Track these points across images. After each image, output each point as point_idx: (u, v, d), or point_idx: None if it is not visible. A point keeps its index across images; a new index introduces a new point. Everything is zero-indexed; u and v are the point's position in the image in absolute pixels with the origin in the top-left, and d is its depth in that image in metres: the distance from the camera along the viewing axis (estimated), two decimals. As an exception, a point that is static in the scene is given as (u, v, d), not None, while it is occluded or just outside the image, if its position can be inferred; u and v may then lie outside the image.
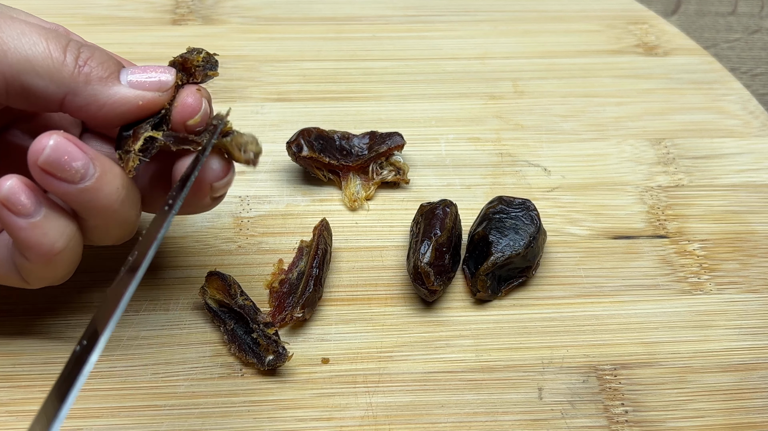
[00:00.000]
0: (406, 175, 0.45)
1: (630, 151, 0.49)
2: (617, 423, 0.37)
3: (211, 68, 0.35)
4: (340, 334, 0.39)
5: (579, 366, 0.39)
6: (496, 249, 0.40)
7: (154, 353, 0.38)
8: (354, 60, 0.53)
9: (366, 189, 0.45)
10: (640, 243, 0.44)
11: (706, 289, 0.42)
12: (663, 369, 0.39)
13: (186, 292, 0.40)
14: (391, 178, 0.45)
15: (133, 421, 0.35)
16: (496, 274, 0.40)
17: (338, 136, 0.46)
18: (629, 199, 0.46)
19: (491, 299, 0.41)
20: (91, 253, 0.41)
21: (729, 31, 0.63)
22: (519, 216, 0.41)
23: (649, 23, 0.57)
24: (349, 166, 0.45)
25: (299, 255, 0.42)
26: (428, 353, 0.39)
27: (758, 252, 0.44)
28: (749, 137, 0.50)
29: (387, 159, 0.45)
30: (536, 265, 0.42)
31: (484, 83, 0.52)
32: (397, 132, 0.46)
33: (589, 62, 0.54)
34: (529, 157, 0.48)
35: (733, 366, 0.39)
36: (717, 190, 0.47)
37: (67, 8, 0.55)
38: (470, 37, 0.56)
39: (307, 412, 0.36)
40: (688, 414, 0.37)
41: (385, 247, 0.43)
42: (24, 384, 0.36)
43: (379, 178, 0.45)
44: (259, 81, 0.51)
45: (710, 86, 0.53)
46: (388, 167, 0.45)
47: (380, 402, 0.37)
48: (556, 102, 0.51)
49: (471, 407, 0.37)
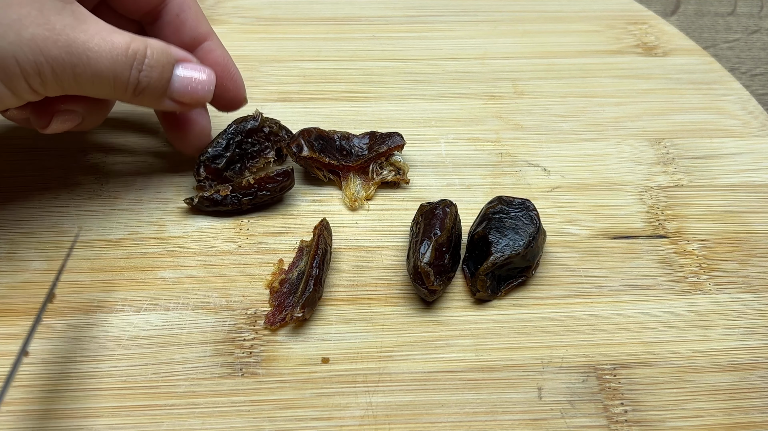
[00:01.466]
0: (406, 175, 0.45)
1: (629, 151, 0.49)
2: (616, 422, 0.37)
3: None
4: (340, 334, 0.39)
5: (578, 366, 0.39)
6: (495, 249, 0.40)
7: (154, 353, 0.38)
8: (354, 60, 0.53)
9: (366, 189, 0.45)
10: (639, 243, 0.44)
11: (706, 289, 0.42)
12: (662, 368, 0.39)
13: (186, 292, 0.40)
14: (391, 178, 0.45)
15: (133, 421, 0.35)
16: (496, 274, 0.40)
17: (338, 136, 0.46)
18: (629, 198, 0.46)
19: (491, 299, 0.41)
20: (91, 255, 0.41)
21: (728, 31, 0.63)
22: (519, 216, 0.41)
23: (648, 23, 0.58)
24: (349, 166, 0.45)
25: (299, 255, 0.42)
26: (428, 353, 0.39)
27: (757, 252, 0.44)
28: (748, 137, 0.50)
29: (387, 159, 0.45)
30: (536, 265, 0.42)
31: (484, 83, 0.52)
32: (397, 132, 0.46)
33: (588, 62, 0.54)
34: (528, 157, 0.48)
35: (732, 365, 0.39)
36: (716, 190, 0.47)
37: (67, 8, 0.54)
38: (470, 38, 0.56)
39: (307, 412, 0.36)
40: (687, 413, 0.37)
41: (385, 247, 0.43)
42: (24, 384, 0.36)
43: (379, 178, 0.45)
44: (259, 81, 0.51)
45: (710, 86, 0.53)
46: (388, 167, 0.45)
47: (380, 402, 0.37)
48: (556, 102, 0.51)
49: (471, 407, 0.37)
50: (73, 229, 0.42)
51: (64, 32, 0.34)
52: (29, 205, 0.43)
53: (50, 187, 0.44)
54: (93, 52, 0.35)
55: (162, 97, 0.39)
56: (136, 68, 0.36)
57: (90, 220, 0.43)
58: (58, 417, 0.35)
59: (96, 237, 0.42)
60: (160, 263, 0.41)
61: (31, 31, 0.33)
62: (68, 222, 0.42)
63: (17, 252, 0.41)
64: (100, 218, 0.43)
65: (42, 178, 0.44)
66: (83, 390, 0.36)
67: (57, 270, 0.38)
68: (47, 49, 0.33)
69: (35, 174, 0.45)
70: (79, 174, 0.45)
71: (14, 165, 0.45)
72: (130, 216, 0.43)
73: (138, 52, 0.36)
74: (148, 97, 0.38)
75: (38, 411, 0.36)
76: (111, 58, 0.35)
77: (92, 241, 0.42)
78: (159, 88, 0.38)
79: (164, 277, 0.41)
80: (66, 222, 0.42)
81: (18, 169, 0.45)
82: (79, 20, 0.35)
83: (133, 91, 0.37)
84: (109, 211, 0.43)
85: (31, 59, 0.33)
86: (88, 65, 0.35)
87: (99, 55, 0.35)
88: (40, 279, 0.40)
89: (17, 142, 0.46)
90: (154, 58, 0.37)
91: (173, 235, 0.42)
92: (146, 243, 0.42)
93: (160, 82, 0.38)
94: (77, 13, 0.35)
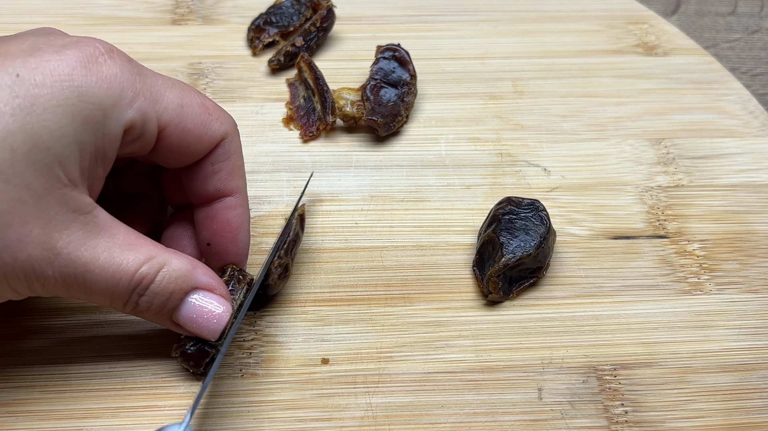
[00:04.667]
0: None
1: (630, 151, 0.49)
2: (617, 423, 0.37)
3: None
4: (340, 334, 0.39)
5: (579, 367, 0.39)
6: (507, 251, 0.40)
7: (153, 353, 0.38)
8: (354, 60, 0.53)
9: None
10: (639, 244, 0.44)
11: (706, 289, 0.42)
12: (663, 369, 0.39)
13: (186, 292, 0.40)
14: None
15: (133, 421, 0.35)
16: (507, 275, 0.40)
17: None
18: (629, 199, 0.46)
19: (503, 300, 0.41)
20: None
21: (729, 31, 0.63)
22: (528, 216, 0.41)
23: (649, 23, 0.57)
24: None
25: (293, 90, 0.48)
26: (428, 353, 0.39)
27: (758, 252, 0.44)
28: (749, 137, 0.50)
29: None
30: (547, 266, 0.42)
31: (484, 83, 0.52)
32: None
33: (588, 62, 0.54)
34: (529, 157, 0.48)
35: (732, 366, 0.39)
36: (717, 190, 0.47)
37: (67, 8, 0.55)
38: (470, 37, 0.56)
39: (307, 412, 0.36)
40: (687, 414, 0.37)
41: (385, 247, 0.43)
42: (24, 385, 0.36)
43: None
44: (259, 81, 0.51)
45: (710, 86, 0.53)
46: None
47: (380, 403, 0.37)
48: (556, 102, 0.51)
49: (471, 407, 0.37)
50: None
51: (65, 251, 0.31)
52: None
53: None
54: (92, 275, 0.31)
55: (164, 320, 0.35)
56: (137, 293, 0.33)
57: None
58: (58, 418, 0.35)
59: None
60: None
61: (29, 252, 0.30)
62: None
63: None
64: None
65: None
66: (83, 390, 0.36)
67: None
68: (42, 270, 0.30)
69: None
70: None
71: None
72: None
73: (146, 278, 0.33)
74: (147, 317, 0.35)
75: (38, 411, 0.36)
76: (112, 282, 0.32)
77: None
78: (160, 314, 0.34)
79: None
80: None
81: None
82: (89, 235, 0.31)
83: (131, 310, 0.34)
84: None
85: (22, 279, 0.31)
86: (83, 286, 0.32)
87: (99, 278, 0.32)
88: (39, 279, 0.40)
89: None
90: (162, 286, 0.33)
91: (173, 235, 0.42)
92: (146, 243, 0.42)
93: (161, 309, 0.34)
94: (90, 226, 0.31)
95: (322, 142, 0.48)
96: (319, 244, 0.43)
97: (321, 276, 0.41)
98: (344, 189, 0.46)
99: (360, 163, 0.47)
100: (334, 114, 0.47)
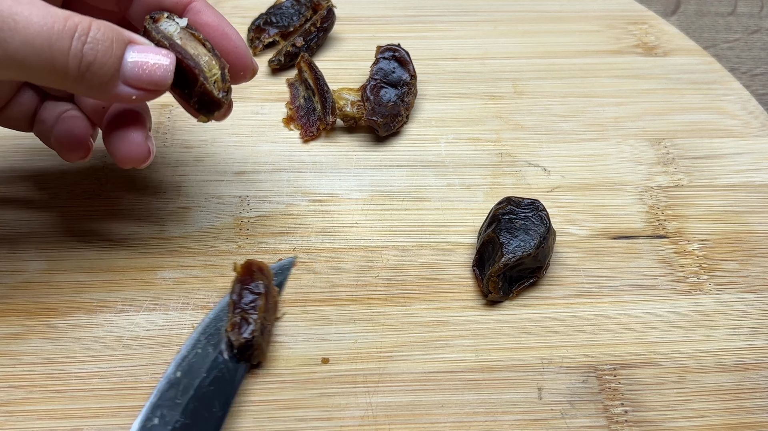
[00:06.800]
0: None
1: (629, 151, 0.49)
2: (617, 423, 0.37)
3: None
4: (340, 334, 0.39)
5: (578, 366, 0.39)
6: (507, 250, 0.40)
7: (154, 353, 0.38)
8: (354, 60, 0.53)
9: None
10: (639, 244, 0.44)
11: (706, 289, 0.42)
12: (662, 369, 0.39)
13: (186, 292, 0.40)
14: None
15: (133, 421, 0.35)
16: (507, 275, 0.40)
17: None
18: (629, 199, 0.46)
19: (503, 300, 0.41)
20: (91, 255, 0.41)
21: (728, 31, 0.63)
22: (528, 216, 0.41)
23: (648, 23, 0.58)
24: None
25: (293, 90, 0.48)
26: (428, 353, 0.39)
27: (758, 252, 0.44)
28: (749, 137, 0.50)
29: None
30: (547, 265, 0.42)
31: (484, 83, 0.52)
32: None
33: (588, 62, 0.54)
34: (528, 157, 0.48)
35: (732, 366, 0.39)
36: (716, 190, 0.47)
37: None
38: (470, 38, 0.56)
39: (307, 412, 0.36)
40: (687, 414, 0.37)
41: (385, 247, 0.43)
42: (24, 384, 0.36)
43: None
44: (260, 81, 0.51)
45: (710, 86, 0.53)
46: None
47: (380, 402, 0.37)
48: (556, 102, 0.51)
49: (471, 407, 0.37)
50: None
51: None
52: (29, 206, 0.43)
53: (50, 187, 0.44)
54: (21, 17, 0.30)
55: (114, 80, 0.33)
56: (78, 39, 0.31)
57: (90, 220, 0.43)
58: (58, 417, 0.35)
59: (96, 237, 0.42)
60: (159, 263, 0.41)
61: None
62: (68, 223, 0.42)
63: (17, 253, 0.41)
64: (100, 218, 0.43)
65: (42, 178, 0.44)
66: (83, 390, 0.36)
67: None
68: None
69: (35, 174, 0.45)
70: (79, 174, 0.45)
71: (14, 165, 0.45)
72: (130, 216, 0.43)
73: (79, 24, 0.31)
74: (97, 79, 0.32)
75: (38, 411, 0.36)
76: (44, 25, 0.30)
77: (92, 241, 0.42)
78: (109, 65, 0.32)
79: (164, 277, 0.41)
80: (66, 222, 0.42)
81: (18, 168, 0.45)
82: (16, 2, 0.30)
83: (77, 68, 0.31)
84: (109, 211, 0.43)
85: None
86: (16, 31, 0.30)
87: (29, 21, 0.30)
88: (40, 279, 0.40)
89: (17, 141, 0.46)
90: (101, 32, 0.32)
91: (173, 235, 0.42)
92: (146, 243, 0.42)
93: (109, 58, 0.32)
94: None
95: (322, 142, 0.48)
96: (319, 244, 0.43)
97: (321, 276, 0.41)
98: (344, 189, 0.46)
99: (360, 163, 0.47)
100: (334, 114, 0.47)
